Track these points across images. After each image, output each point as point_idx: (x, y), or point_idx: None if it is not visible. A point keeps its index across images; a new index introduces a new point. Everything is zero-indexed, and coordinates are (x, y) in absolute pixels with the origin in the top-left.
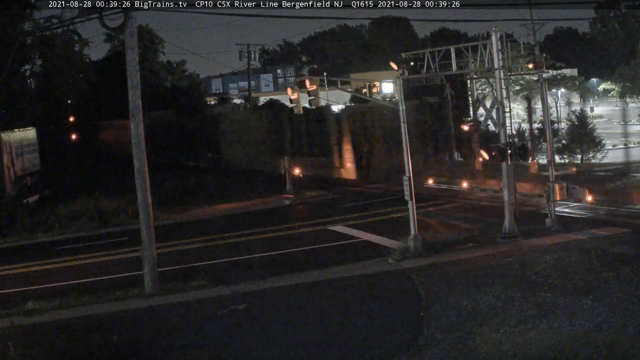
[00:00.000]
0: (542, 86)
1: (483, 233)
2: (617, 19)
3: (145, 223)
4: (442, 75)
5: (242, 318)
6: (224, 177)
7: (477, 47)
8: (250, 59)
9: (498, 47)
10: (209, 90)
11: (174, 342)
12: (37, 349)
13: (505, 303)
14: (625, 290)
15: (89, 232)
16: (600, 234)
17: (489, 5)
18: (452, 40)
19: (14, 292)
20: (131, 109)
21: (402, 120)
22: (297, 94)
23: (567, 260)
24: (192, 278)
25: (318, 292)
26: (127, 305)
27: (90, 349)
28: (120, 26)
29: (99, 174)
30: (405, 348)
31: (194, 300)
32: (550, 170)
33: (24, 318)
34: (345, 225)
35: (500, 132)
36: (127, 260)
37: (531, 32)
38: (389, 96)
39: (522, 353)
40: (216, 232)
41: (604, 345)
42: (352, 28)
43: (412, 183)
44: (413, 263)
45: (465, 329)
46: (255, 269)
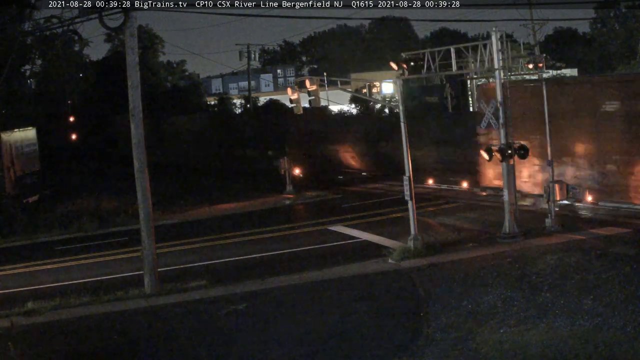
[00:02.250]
0: (542, 86)
1: (483, 233)
2: (617, 19)
3: (145, 223)
4: (442, 75)
5: (242, 318)
6: (227, 177)
7: (477, 47)
8: (250, 59)
9: (498, 47)
10: (209, 90)
11: (174, 342)
12: (37, 349)
13: (505, 303)
14: (625, 290)
15: (89, 232)
16: (600, 234)
17: (489, 5)
18: (452, 40)
19: (14, 292)
20: (131, 109)
21: (402, 120)
22: (297, 94)
23: (567, 260)
24: (192, 278)
25: (318, 292)
26: (127, 306)
27: (90, 349)
28: (120, 26)
29: (99, 174)
30: (405, 348)
31: (194, 300)
32: (550, 170)
33: (24, 318)
34: (345, 225)
35: (500, 132)
36: (127, 260)
37: (531, 32)
38: (388, 96)
39: (522, 353)
40: (216, 232)
41: (604, 345)
42: (352, 28)
43: (412, 183)
44: (413, 263)
45: (465, 329)
46: (255, 269)
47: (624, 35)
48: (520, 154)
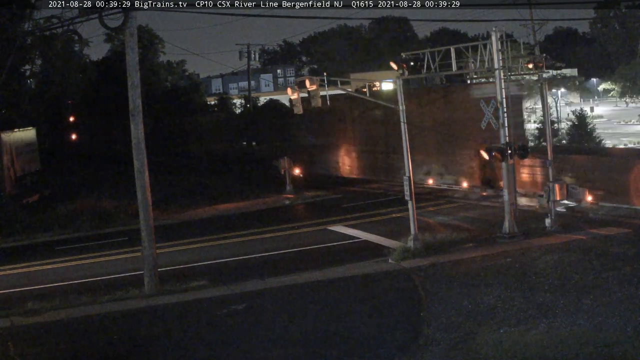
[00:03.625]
0: (542, 86)
1: (483, 233)
2: (617, 19)
3: (145, 223)
4: (442, 75)
5: (242, 318)
6: (225, 176)
7: (477, 47)
8: (250, 59)
9: (498, 47)
10: (209, 90)
11: (173, 342)
12: (37, 349)
13: (505, 303)
14: (625, 290)
15: (88, 232)
16: (600, 234)
17: (489, 5)
18: (452, 40)
19: (14, 292)
20: (131, 109)
21: (402, 120)
22: (297, 94)
23: (567, 260)
24: (192, 278)
25: (318, 292)
26: (127, 305)
27: (90, 348)
28: (120, 26)
29: (99, 174)
30: (405, 348)
31: (194, 300)
32: (550, 170)
33: (24, 318)
34: (345, 225)
35: (501, 132)
36: (127, 260)
37: (531, 32)
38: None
39: (522, 353)
40: (216, 232)
41: (604, 345)
42: (352, 28)
43: (412, 183)
44: (413, 263)
45: (465, 329)
46: (255, 269)
47: (624, 35)
48: (521, 153)
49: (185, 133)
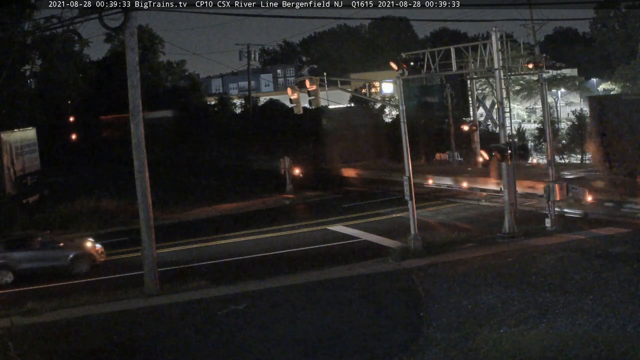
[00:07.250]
0: (542, 86)
1: (483, 233)
2: (617, 19)
3: (145, 223)
4: (442, 75)
5: (242, 318)
6: (226, 176)
7: (477, 47)
8: (250, 59)
9: (498, 47)
10: (209, 90)
11: (174, 342)
12: (37, 349)
13: (505, 303)
14: (625, 290)
15: (88, 232)
16: (600, 234)
17: (489, 5)
18: (452, 40)
19: (14, 292)
20: (131, 109)
21: (402, 120)
22: (297, 94)
23: (567, 260)
24: (192, 278)
25: (318, 292)
26: (127, 305)
27: (91, 348)
28: (120, 26)
29: (99, 174)
30: (405, 348)
31: (194, 300)
32: (550, 170)
33: (24, 318)
34: (345, 225)
35: (501, 132)
36: (127, 260)
37: (531, 32)
38: (388, 96)
39: (522, 353)
40: (216, 232)
41: (604, 345)
42: (352, 28)
43: (412, 183)
44: (413, 263)
45: (465, 329)
46: (255, 269)
47: (624, 35)
48: (521, 153)
49: (185, 133)
